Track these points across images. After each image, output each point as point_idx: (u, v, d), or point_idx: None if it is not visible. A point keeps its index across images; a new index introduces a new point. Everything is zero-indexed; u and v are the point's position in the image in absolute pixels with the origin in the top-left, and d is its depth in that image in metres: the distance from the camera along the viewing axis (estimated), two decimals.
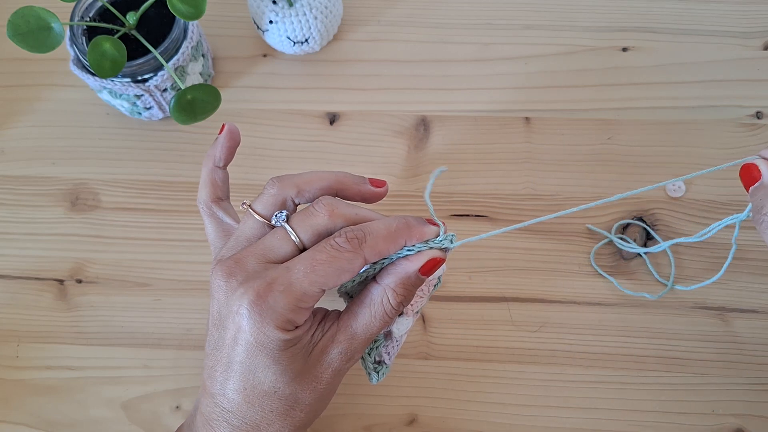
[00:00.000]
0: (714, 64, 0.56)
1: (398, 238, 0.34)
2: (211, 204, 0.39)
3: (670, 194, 0.52)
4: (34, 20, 0.43)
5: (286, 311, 0.32)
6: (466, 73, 0.57)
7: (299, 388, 0.34)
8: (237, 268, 0.33)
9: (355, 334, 0.35)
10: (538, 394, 0.47)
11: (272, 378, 0.33)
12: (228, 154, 0.40)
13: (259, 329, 0.32)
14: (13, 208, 0.53)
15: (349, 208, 0.35)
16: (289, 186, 0.36)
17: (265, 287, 0.32)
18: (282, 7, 0.52)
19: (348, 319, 0.35)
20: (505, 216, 0.52)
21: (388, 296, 0.34)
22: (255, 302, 0.32)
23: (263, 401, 0.33)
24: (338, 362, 0.34)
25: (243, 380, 0.33)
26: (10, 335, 0.50)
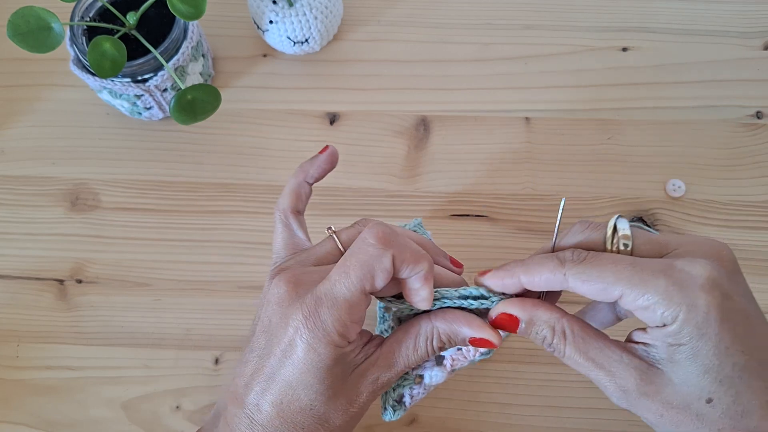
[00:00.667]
0: (714, 64, 0.56)
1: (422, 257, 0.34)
2: (289, 214, 0.39)
3: (670, 194, 0.52)
4: (34, 20, 0.43)
5: (338, 326, 0.32)
6: (466, 73, 0.57)
7: (333, 408, 0.33)
8: (301, 281, 0.34)
9: (395, 363, 0.35)
10: (538, 394, 0.47)
11: (312, 396, 0.33)
12: (321, 173, 0.40)
13: (311, 347, 0.32)
14: (13, 208, 0.53)
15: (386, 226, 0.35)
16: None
17: (314, 304, 0.32)
18: (282, 7, 0.52)
19: (392, 345, 0.35)
20: (505, 216, 0.52)
21: (433, 335, 0.35)
22: (307, 318, 0.32)
23: (296, 417, 0.33)
24: (372, 388, 0.34)
25: (282, 395, 0.33)
26: (10, 335, 0.50)
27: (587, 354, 0.32)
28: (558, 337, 0.33)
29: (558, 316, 0.33)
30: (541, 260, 0.33)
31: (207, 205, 0.53)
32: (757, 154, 0.53)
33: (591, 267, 0.31)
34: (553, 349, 0.33)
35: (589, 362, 0.32)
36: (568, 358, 0.32)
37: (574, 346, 0.32)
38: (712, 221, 0.52)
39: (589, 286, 0.31)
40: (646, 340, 0.31)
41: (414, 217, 0.52)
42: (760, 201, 0.52)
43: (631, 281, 0.30)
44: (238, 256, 0.51)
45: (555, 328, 0.33)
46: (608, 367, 0.31)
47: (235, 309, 0.50)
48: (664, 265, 0.31)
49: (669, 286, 0.29)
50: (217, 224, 0.52)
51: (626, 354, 0.31)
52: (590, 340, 0.32)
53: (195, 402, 0.48)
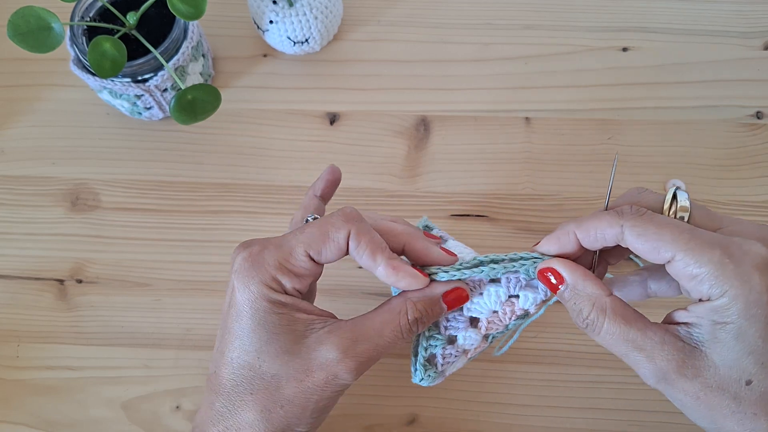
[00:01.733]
0: (714, 64, 0.56)
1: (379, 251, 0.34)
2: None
3: None
4: (34, 20, 0.43)
5: (272, 268, 0.33)
6: (466, 73, 0.57)
7: (283, 372, 0.33)
8: (251, 242, 0.35)
9: (357, 337, 0.33)
10: (538, 394, 0.47)
11: (257, 345, 0.33)
12: (326, 186, 0.42)
13: (246, 285, 0.33)
14: (13, 208, 0.53)
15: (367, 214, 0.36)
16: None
17: (259, 249, 0.34)
18: (282, 7, 0.52)
19: (357, 321, 0.34)
20: (505, 216, 0.52)
21: (407, 308, 0.34)
22: (246, 258, 0.33)
23: (246, 377, 0.33)
24: (333, 363, 0.33)
25: (231, 350, 0.33)
26: (10, 335, 0.50)
27: (627, 335, 0.31)
28: (596, 312, 0.32)
29: (603, 293, 0.33)
30: (598, 215, 0.33)
31: (207, 205, 0.53)
32: (757, 154, 0.53)
33: (649, 223, 0.31)
34: (587, 324, 0.32)
35: (627, 343, 0.31)
36: (604, 335, 0.32)
37: (614, 324, 0.32)
38: None
39: (644, 242, 0.31)
40: (689, 320, 0.31)
41: (416, 216, 0.52)
42: (760, 201, 0.52)
43: (688, 245, 0.30)
44: None
45: (595, 304, 0.32)
46: (649, 349, 0.31)
47: None
48: (721, 238, 0.30)
49: (724, 259, 0.29)
50: (217, 224, 0.52)
51: (668, 335, 0.31)
52: (631, 321, 0.32)
53: (195, 402, 0.48)
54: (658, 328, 0.32)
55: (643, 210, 0.32)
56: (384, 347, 0.34)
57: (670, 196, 0.34)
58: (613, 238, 0.32)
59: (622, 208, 0.32)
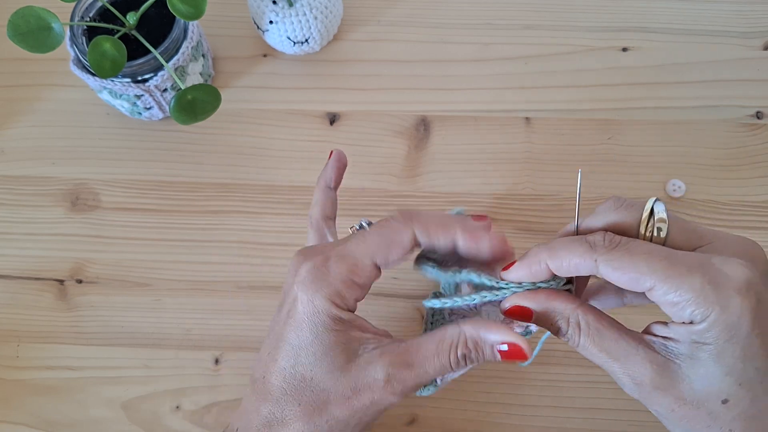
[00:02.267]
0: (714, 64, 0.56)
1: (450, 229, 0.34)
2: (321, 221, 0.40)
3: (670, 194, 0.52)
4: (34, 20, 0.43)
5: (338, 282, 0.33)
6: (466, 73, 0.57)
7: (333, 388, 0.32)
8: (312, 250, 0.35)
9: (409, 362, 0.33)
10: (538, 394, 0.47)
11: (311, 359, 0.33)
12: (337, 175, 0.42)
13: (310, 298, 0.33)
14: (13, 208, 0.53)
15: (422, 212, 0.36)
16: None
17: (323, 259, 0.34)
18: (282, 7, 0.52)
19: (411, 344, 0.34)
20: (505, 216, 0.52)
21: (458, 341, 0.34)
22: (311, 270, 0.33)
23: (297, 388, 0.33)
24: (380, 386, 0.33)
25: (285, 359, 0.33)
26: (10, 335, 0.50)
27: (602, 345, 0.31)
28: (573, 328, 0.32)
29: (573, 307, 0.32)
30: (569, 245, 0.32)
31: (207, 205, 0.53)
32: (757, 154, 0.53)
33: (623, 255, 0.30)
34: (567, 339, 0.33)
35: (603, 353, 0.31)
36: (582, 348, 0.32)
37: (588, 337, 0.32)
38: (712, 221, 0.52)
39: (621, 275, 0.30)
40: (667, 335, 0.31)
41: None
42: (760, 201, 0.52)
43: (666, 275, 0.29)
44: (238, 256, 0.51)
45: (570, 320, 0.32)
46: (623, 359, 0.31)
47: (235, 309, 0.50)
48: (699, 260, 0.30)
49: (704, 285, 0.29)
50: (217, 224, 0.52)
51: (642, 346, 0.31)
52: (605, 332, 0.32)
53: (195, 402, 0.48)
54: (632, 338, 0.31)
55: (616, 240, 0.31)
56: (431, 376, 0.34)
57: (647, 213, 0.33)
58: (587, 270, 0.31)
59: (595, 239, 0.31)
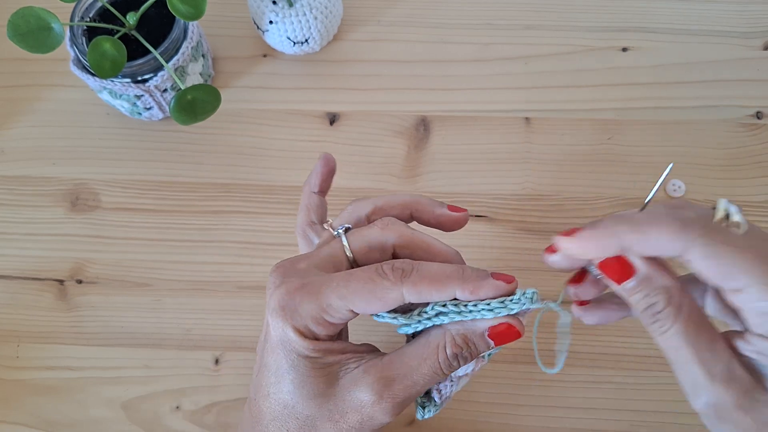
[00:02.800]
0: (714, 64, 0.56)
1: (447, 286, 0.31)
2: (305, 227, 0.39)
3: (670, 194, 0.52)
4: (34, 20, 0.43)
5: (307, 317, 0.31)
6: (466, 73, 0.57)
7: (318, 414, 0.31)
8: (289, 269, 0.33)
9: (395, 375, 0.31)
10: (538, 394, 0.47)
11: (290, 387, 0.31)
12: (322, 180, 0.40)
13: (281, 327, 0.31)
14: (13, 208, 0.53)
15: (405, 227, 0.34)
16: (365, 204, 0.35)
17: (297, 287, 0.31)
18: (282, 7, 0.52)
19: (393, 358, 0.32)
20: (505, 216, 0.52)
21: (446, 341, 0.32)
22: (283, 298, 0.31)
23: (282, 415, 0.32)
24: (368, 405, 0.31)
25: (268, 385, 0.32)
26: (10, 335, 0.50)
27: (696, 344, 0.28)
28: (672, 307, 0.28)
29: (680, 286, 0.28)
30: (659, 220, 0.28)
31: (207, 205, 0.53)
32: (757, 154, 0.53)
33: (723, 243, 0.27)
34: (656, 320, 0.29)
35: (692, 354, 0.28)
36: (669, 335, 0.28)
37: (684, 327, 0.28)
38: None
39: (713, 265, 0.27)
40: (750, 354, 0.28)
41: None
42: (760, 201, 0.52)
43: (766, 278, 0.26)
44: (238, 256, 0.51)
45: (672, 298, 0.28)
46: (712, 368, 0.28)
47: (235, 309, 0.50)
48: None
49: None
50: (217, 224, 0.52)
51: (736, 361, 0.28)
52: (701, 329, 0.28)
53: (195, 402, 0.48)
54: (726, 348, 0.28)
55: (712, 224, 0.27)
56: (423, 384, 0.32)
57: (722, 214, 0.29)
58: (671, 252, 0.27)
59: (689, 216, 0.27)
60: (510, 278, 0.32)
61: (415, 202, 0.36)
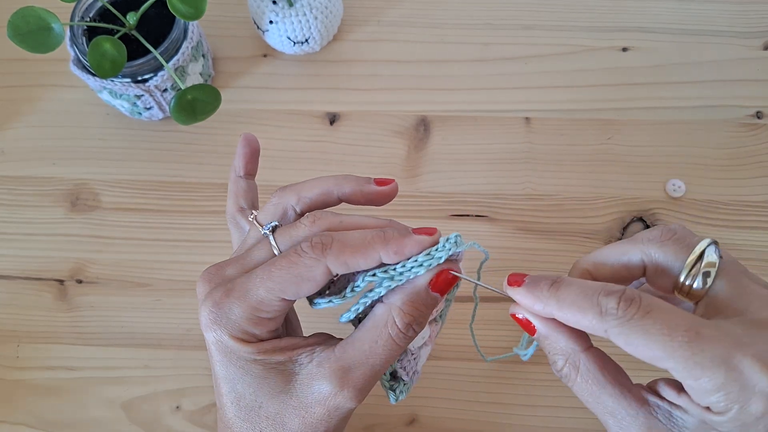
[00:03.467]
0: (714, 64, 0.56)
1: (370, 250, 0.30)
2: (236, 214, 0.38)
3: (670, 194, 0.52)
4: (34, 20, 0.43)
5: (242, 321, 0.30)
6: (466, 73, 0.57)
7: (284, 410, 0.31)
8: (216, 274, 0.32)
9: (350, 365, 0.31)
10: (538, 394, 0.47)
11: (250, 390, 0.31)
12: (247, 161, 0.39)
13: (218, 339, 0.31)
14: (13, 208, 0.53)
15: (333, 216, 0.32)
16: (289, 194, 0.34)
17: (223, 295, 0.31)
18: (282, 7, 0.52)
19: (345, 346, 0.31)
20: (505, 216, 0.52)
21: (393, 317, 0.31)
22: (212, 311, 0.31)
23: (251, 417, 0.32)
24: (332, 396, 0.31)
25: (228, 392, 0.32)
26: (10, 335, 0.50)
27: (600, 398, 0.29)
28: (570, 368, 0.30)
29: (578, 350, 0.30)
30: (580, 301, 0.28)
31: (207, 205, 0.53)
32: (757, 154, 0.53)
33: (637, 331, 0.27)
34: (561, 376, 0.31)
35: (598, 404, 0.29)
36: (577, 390, 0.30)
37: (584, 386, 0.30)
38: (712, 221, 0.52)
39: (634, 351, 0.27)
40: (677, 402, 0.28)
41: (416, 216, 0.52)
42: (760, 201, 0.52)
43: (685, 364, 0.26)
44: None
45: (568, 359, 0.30)
46: (619, 419, 0.29)
47: None
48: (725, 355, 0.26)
49: (728, 383, 0.26)
50: (217, 224, 0.52)
51: (643, 411, 0.28)
52: (606, 386, 0.29)
53: (195, 402, 0.48)
54: (635, 398, 0.29)
55: (633, 309, 0.27)
56: (381, 365, 0.31)
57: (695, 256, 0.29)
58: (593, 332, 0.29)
59: (608, 306, 0.28)
60: (432, 230, 0.32)
61: (339, 184, 0.34)
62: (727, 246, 0.51)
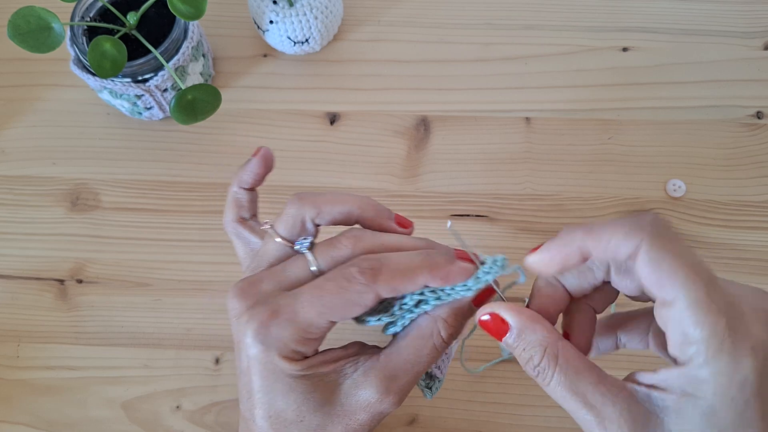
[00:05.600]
0: (714, 64, 0.56)
1: (418, 276, 0.31)
2: (236, 225, 0.38)
3: (670, 194, 0.52)
4: (34, 20, 0.43)
5: (290, 342, 0.31)
6: (466, 73, 0.57)
7: (328, 421, 0.32)
8: (250, 290, 0.32)
9: (396, 373, 0.32)
10: (538, 394, 0.47)
11: (293, 406, 0.31)
12: (254, 178, 0.39)
13: (265, 358, 0.31)
14: (14, 208, 0.53)
15: (373, 237, 0.33)
16: (308, 206, 0.34)
17: (269, 315, 0.31)
18: (282, 7, 0.52)
19: (390, 355, 0.32)
20: (506, 216, 0.52)
21: (439, 328, 0.32)
22: (258, 331, 0.31)
23: (291, 429, 0.32)
24: (377, 402, 0.31)
25: (266, 408, 0.32)
26: (10, 335, 0.50)
27: (577, 388, 0.28)
28: (547, 359, 0.29)
29: (555, 338, 0.29)
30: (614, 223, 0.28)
31: (207, 205, 0.53)
32: (757, 154, 0.53)
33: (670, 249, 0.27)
34: (538, 373, 0.30)
35: (576, 397, 0.28)
36: (553, 387, 0.29)
37: (563, 375, 0.29)
38: (712, 221, 0.52)
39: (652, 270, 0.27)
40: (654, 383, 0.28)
41: (416, 216, 0.52)
42: (760, 201, 0.52)
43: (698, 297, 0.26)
44: None
45: (547, 350, 0.29)
46: (599, 407, 0.28)
47: None
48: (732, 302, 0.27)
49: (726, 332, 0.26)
50: (217, 224, 0.52)
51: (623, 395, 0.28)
52: (583, 373, 0.29)
53: (195, 402, 0.48)
54: (612, 385, 0.28)
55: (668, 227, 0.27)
56: (423, 371, 0.33)
57: None
58: (624, 253, 0.28)
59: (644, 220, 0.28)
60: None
61: (362, 209, 0.34)
62: (727, 246, 0.51)
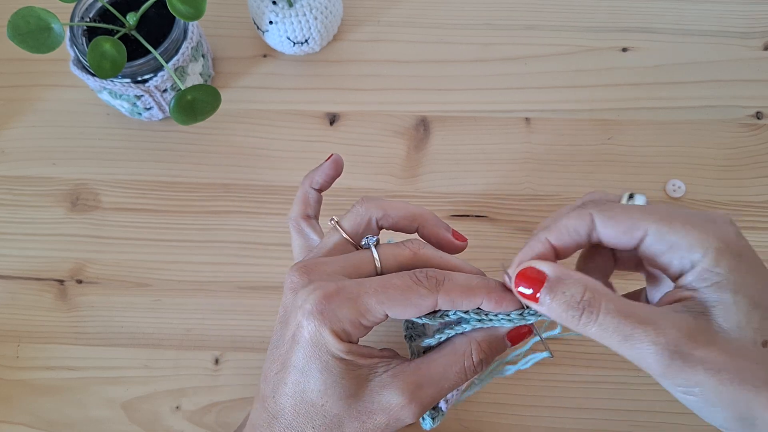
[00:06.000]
0: (714, 64, 0.56)
1: (475, 296, 0.33)
2: (300, 220, 0.40)
3: (670, 194, 0.52)
4: (34, 21, 0.43)
5: (346, 321, 0.32)
6: (466, 73, 0.57)
7: (346, 414, 0.32)
8: (314, 269, 0.34)
9: (422, 382, 0.33)
10: (538, 394, 0.47)
11: (321, 387, 0.32)
12: (326, 180, 0.41)
13: (317, 329, 0.32)
14: (13, 208, 0.53)
15: (434, 251, 0.35)
16: (376, 207, 0.36)
17: (335, 290, 0.32)
18: (282, 7, 0.52)
19: (420, 364, 0.34)
20: (505, 216, 0.52)
21: (472, 349, 0.34)
22: (320, 301, 0.32)
23: (309, 413, 0.32)
24: (398, 407, 0.32)
25: (294, 384, 0.32)
26: (10, 335, 0.50)
27: (630, 308, 0.28)
28: (591, 292, 0.29)
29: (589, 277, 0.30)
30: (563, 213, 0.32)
31: (206, 205, 0.53)
32: (757, 154, 0.53)
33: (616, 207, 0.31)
34: (583, 309, 0.29)
35: (629, 320, 0.28)
36: (602, 318, 0.28)
37: (612, 303, 0.28)
38: None
39: (614, 224, 0.30)
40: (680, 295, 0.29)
41: None
42: (760, 201, 0.52)
43: (660, 218, 0.30)
44: (238, 256, 0.51)
45: (587, 285, 0.29)
46: (655, 321, 0.28)
47: (235, 309, 0.50)
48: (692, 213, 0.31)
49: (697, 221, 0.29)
50: (217, 224, 0.52)
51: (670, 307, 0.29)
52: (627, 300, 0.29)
53: (195, 402, 0.48)
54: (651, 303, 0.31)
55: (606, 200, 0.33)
56: (448, 389, 0.34)
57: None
58: (585, 230, 0.31)
59: (584, 202, 0.33)
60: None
61: (423, 218, 0.37)
62: None
